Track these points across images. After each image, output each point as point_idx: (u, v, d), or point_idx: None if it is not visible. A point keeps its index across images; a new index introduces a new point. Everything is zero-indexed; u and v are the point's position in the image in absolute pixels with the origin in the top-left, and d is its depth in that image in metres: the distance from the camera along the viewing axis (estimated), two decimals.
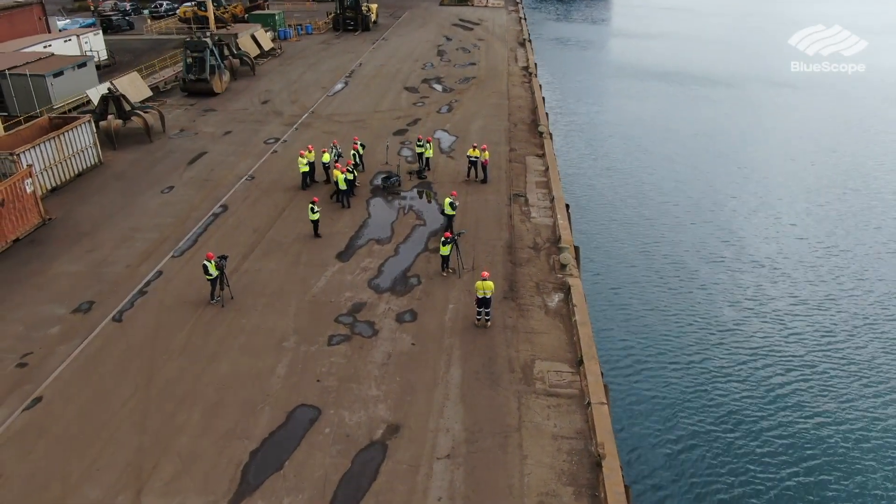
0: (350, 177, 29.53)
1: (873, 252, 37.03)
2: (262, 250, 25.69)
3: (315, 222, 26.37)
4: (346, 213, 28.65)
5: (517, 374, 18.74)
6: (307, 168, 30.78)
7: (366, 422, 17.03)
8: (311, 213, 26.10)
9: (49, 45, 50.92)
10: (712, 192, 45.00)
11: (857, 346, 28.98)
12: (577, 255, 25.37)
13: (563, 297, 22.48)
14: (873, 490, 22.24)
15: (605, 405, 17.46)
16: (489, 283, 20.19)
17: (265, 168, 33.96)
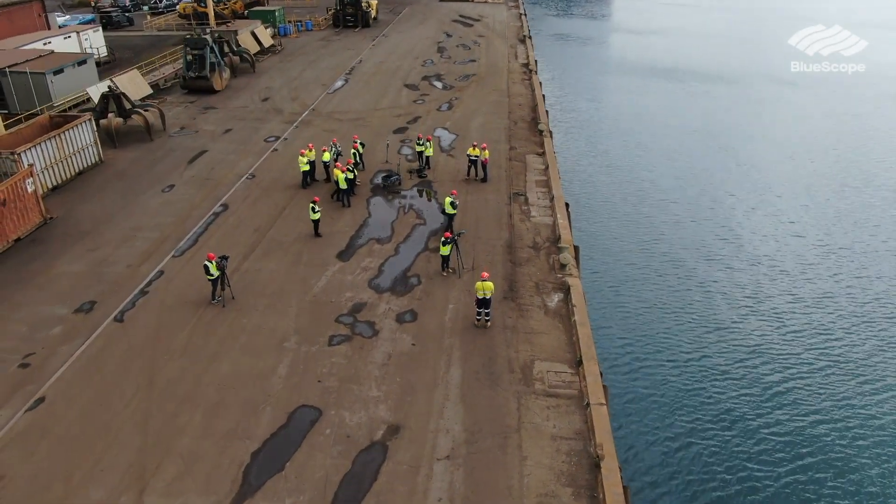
0: (350, 176, 29.59)
1: (872, 250, 37.13)
2: (262, 250, 25.78)
3: (316, 222, 26.44)
4: (347, 213, 28.72)
5: (517, 375, 18.86)
6: (307, 167, 30.83)
7: (366, 422, 17.15)
8: (312, 212, 26.18)
9: (49, 43, 50.93)
10: (712, 189, 45.07)
11: (855, 345, 29.11)
12: (576, 255, 25.46)
13: (562, 298, 22.57)
14: (869, 487, 22.39)
15: (604, 406, 17.57)
16: (489, 284, 20.29)
17: (265, 166, 34.02)
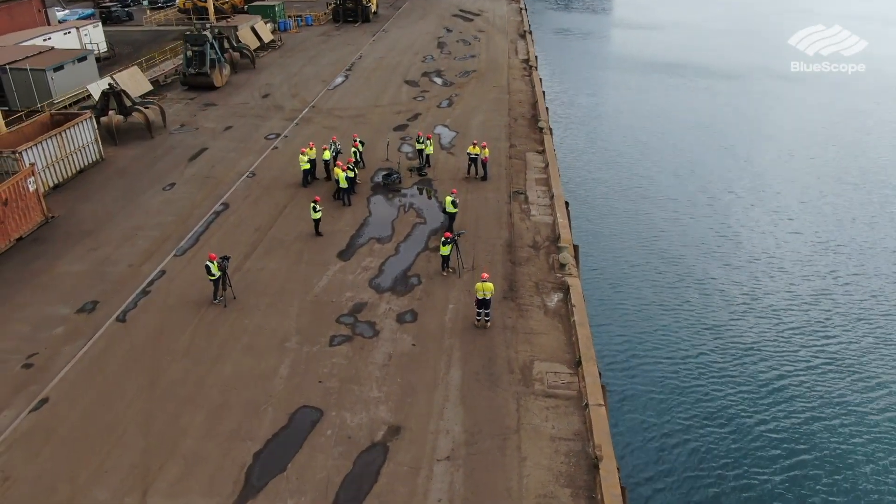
0: (351, 175, 29.68)
1: (871, 248, 37.22)
2: (263, 249, 25.89)
3: (317, 221, 26.55)
4: (347, 212, 28.82)
5: (516, 375, 19.00)
6: (308, 166, 30.91)
7: (367, 423, 17.31)
8: (313, 211, 26.28)
9: (49, 39, 50.88)
10: (712, 186, 45.13)
11: (854, 343, 29.24)
12: (576, 254, 25.58)
13: (562, 297, 22.70)
14: (868, 486, 22.58)
15: (603, 407, 17.72)
16: (489, 285, 20.41)
17: (266, 165, 34.10)
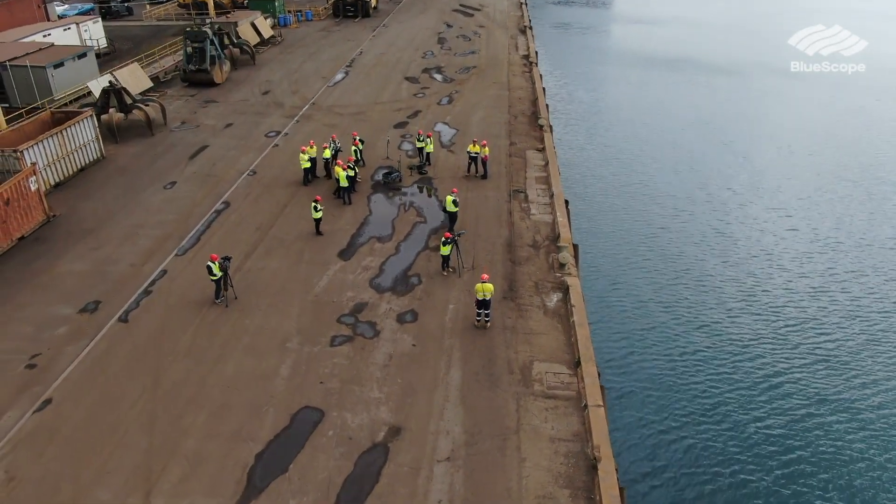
0: (351, 173, 29.75)
1: (869, 245, 37.32)
2: (264, 248, 26.00)
3: (317, 220, 26.64)
4: (348, 210, 28.91)
5: (516, 376, 19.14)
6: (308, 164, 30.97)
7: (368, 424, 17.46)
8: (314, 211, 26.37)
9: (49, 35, 50.84)
10: (711, 183, 45.20)
11: (856, 346, 29.28)
12: (575, 254, 25.69)
13: (561, 297, 22.82)
14: (864, 484, 22.77)
15: (602, 407, 17.85)
16: (489, 286, 20.53)
17: (266, 163, 34.16)
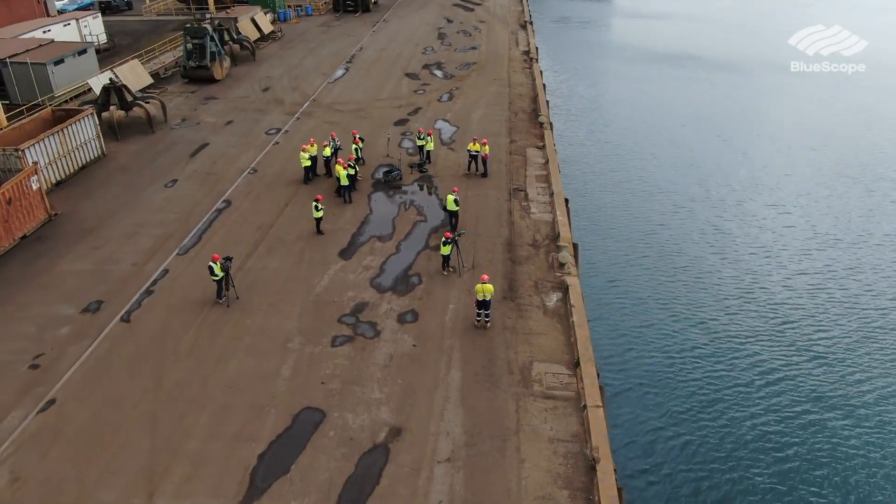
0: (352, 172, 29.82)
1: (866, 242, 37.40)
2: (265, 248, 26.10)
3: (318, 220, 26.73)
4: (348, 209, 29.00)
5: (516, 377, 19.28)
6: (309, 163, 31.03)
7: (369, 425, 17.60)
8: (315, 210, 26.45)
9: (48, 31, 50.84)
10: (711, 180, 45.24)
11: (857, 347, 29.28)
12: (575, 253, 25.79)
13: (561, 297, 22.93)
14: (863, 483, 22.95)
15: (601, 408, 17.99)
16: (489, 287, 20.64)
17: (267, 161, 34.22)
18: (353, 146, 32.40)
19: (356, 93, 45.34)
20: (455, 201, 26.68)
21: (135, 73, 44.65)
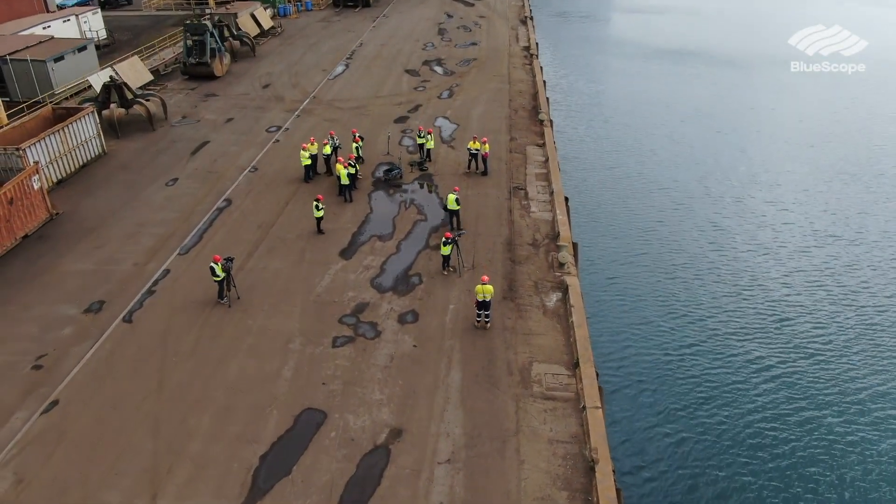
0: (352, 171, 29.88)
1: (864, 240, 37.48)
2: (266, 247, 26.19)
3: (319, 219, 26.82)
4: (349, 208, 29.08)
5: (515, 377, 19.40)
6: (309, 161, 31.10)
7: (370, 426, 17.74)
8: (316, 210, 26.54)
9: (48, 27, 50.81)
10: (711, 177, 45.30)
11: (859, 347, 29.38)
12: (575, 252, 25.88)
13: (560, 297, 23.04)
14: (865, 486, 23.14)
15: (600, 409, 18.12)
16: (489, 287, 20.75)
17: (267, 159, 34.27)
18: (354, 145, 32.45)
19: (356, 90, 45.34)
20: (456, 200, 26.74)
21: (135, 70, 44.64)
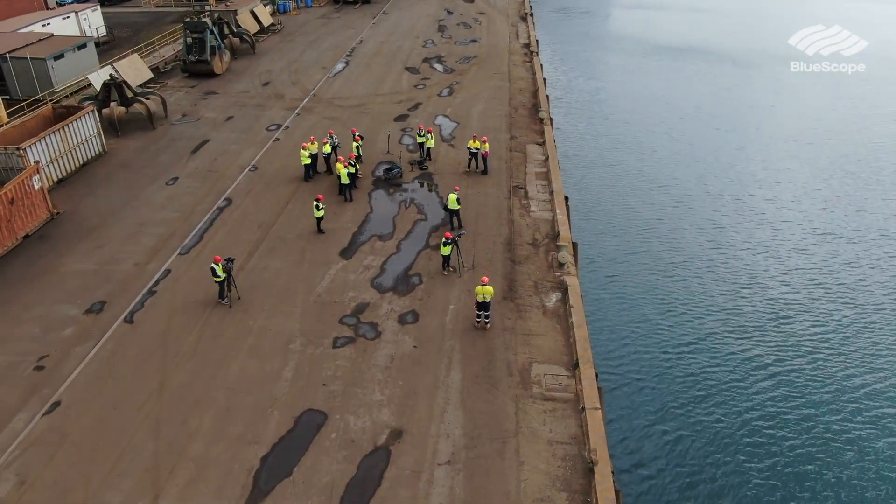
0: (352, 170, 29.92)
1: (862, 238, 37.53)
2: (267, 247, 26.24)
3: (319, 219, 26.87)
4: (349, 208, 29.12)
5: (515, 378, 19.49)
6: (309, 160, 31.13)
7: (370, 427, 17.84)
8: (316, 210, 26.59)
9: (48, 24, 50.77)
10: (711, 175, 45.31)
11: (859, 347, 29.38)
12: (574, 252, 25.94)
13: (560, 297, 23.11)
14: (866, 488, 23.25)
15: (599, 410, 18.21)
16: (489, 288, 20.82)
17: (268, 158, 34.29)
18: (354, 144, 32.47)
19: (356, 87, 45.32)
20: (457, 200, 26.79)
21: (135, 68, 44.59)
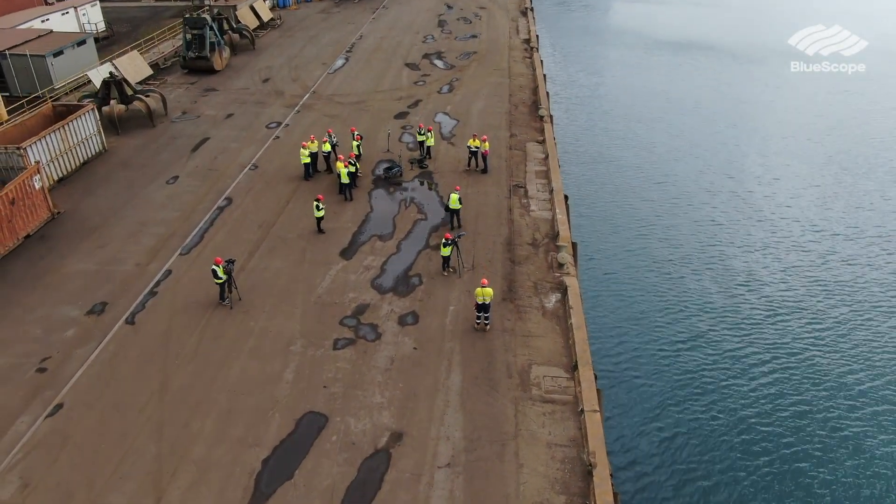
0: (352, 169, 29.94)
1: (860, 237, 37.57)
2: (267, 247, 26.30)
3: (319, 219, 26.92)
4: (349, 207, 29.16)
5: (514, 380, 19.59)
6: (309, 159, 31.16)
7: (370, 429, 17.95)
8: (316, 210, 26.64)
9: (47, 20, 50.68)
10: (711, 172, 45.32)
11: (858, 346, 29.44)
12: (574, 252, 26.00)
13: (560, 298, 23.19)
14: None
15: (598, 412, 18.33)
16: (489, 290, 20.90)
17: (268, 156, 34.31)
18: (355, 143, 32.49)
19: (356, 84, 45.26)
20: (459, 200, 26.82)
21: (134, 65, 44.54)
